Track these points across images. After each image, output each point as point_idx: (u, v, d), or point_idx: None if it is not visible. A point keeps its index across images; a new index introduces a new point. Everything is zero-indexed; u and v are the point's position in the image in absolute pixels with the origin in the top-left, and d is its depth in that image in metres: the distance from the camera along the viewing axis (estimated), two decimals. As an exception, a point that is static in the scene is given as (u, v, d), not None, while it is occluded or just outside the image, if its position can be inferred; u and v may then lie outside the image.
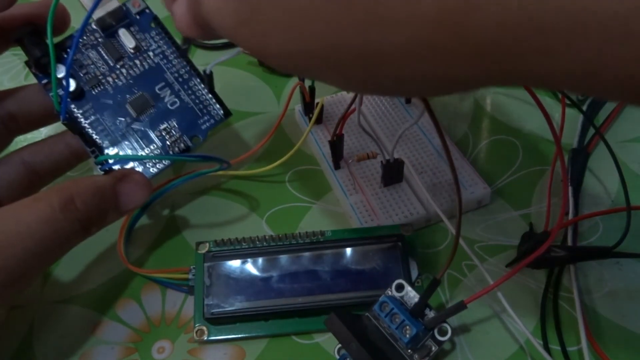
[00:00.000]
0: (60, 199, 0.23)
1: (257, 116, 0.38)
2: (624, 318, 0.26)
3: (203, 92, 0.30)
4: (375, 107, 0.35)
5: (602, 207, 0.30)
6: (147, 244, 0.31)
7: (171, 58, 0.30)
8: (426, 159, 0.32)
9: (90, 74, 0.29)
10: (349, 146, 0.33)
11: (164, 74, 0.30)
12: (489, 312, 0.27)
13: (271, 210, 0.32)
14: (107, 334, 0.27)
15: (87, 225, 0.25)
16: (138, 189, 0.26)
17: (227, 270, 0.27)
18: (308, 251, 0.28)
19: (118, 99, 0.29)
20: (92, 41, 0.30)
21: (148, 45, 0.30)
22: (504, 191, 0.32)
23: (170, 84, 0.30)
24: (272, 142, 0.35)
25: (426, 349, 0.24)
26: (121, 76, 0.30)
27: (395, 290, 0.25)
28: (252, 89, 0.39)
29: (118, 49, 0.30)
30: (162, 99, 0.30)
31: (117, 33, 0.30)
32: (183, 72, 0.30)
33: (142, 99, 0.29)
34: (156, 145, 0.30)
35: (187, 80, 0.30)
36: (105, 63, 0.30)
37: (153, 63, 0.30)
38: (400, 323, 0.24)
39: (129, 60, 0.30)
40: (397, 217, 0.29)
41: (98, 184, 0.25)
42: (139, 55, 0.30)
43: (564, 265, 0.27)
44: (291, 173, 0.34)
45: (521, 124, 0.35)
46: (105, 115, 0.29)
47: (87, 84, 0.29)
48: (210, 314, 0.26)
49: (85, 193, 0.24)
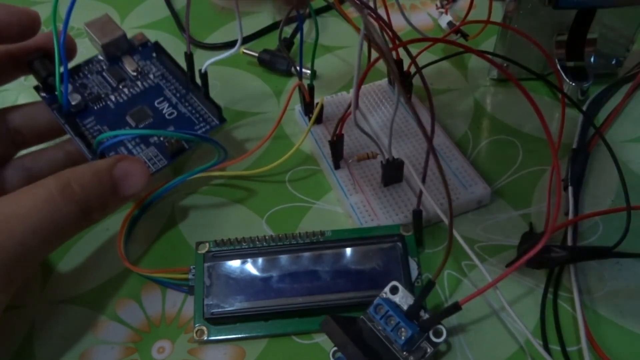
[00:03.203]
0: (58, 183, 0.24)
1: (257, 116, 0.38)
2: (624, 318, 0.26)
3: (199, 103, 0.32)
4: (375, 107, 0.35)
5: (602, 207, 0.30)
6: (147, 244, 0.31)
7: (170, 78, 0.33)
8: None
9: (94, 94, 0.31)
10: (349, 146, 0.33)
11: (163, 91, 0.32)
12: (488, 312, 0.27)
13: (271, 210, 0.32)
14: (107, 334, 0.27)
15: (87, 209, 0.25)
16: (135, 173, 0.27)
17: (227, 270, 0.27)
18: (308, 251, 0.28)
19: (119, 112, 0.31)
20: (98, 69, 0.32)
21: (149, 70, 0.33)
22: (504, 191, 0.32)
23: (168, 98, 0.32)
24: (272, 142, 0.35)
25: (421, 351, 0.24)
26: (123, 95, 0.32)
27: (390, 292, 0.25)
28: (252, 89, 0.39)
29: (121, 73, 0.32)
30: (160, 110, 0.31)
31: (120, 60, 0.32)
32: (181, 89, 0.32)
33: (141, 111, 0.31)
34: (154, 148, 0.30)
35: (185, 94, 0.32)
36: (109, 84, 0.32)
37: (153, 83, 0.32)
38: (395, 325, 0.24)
39: (130, 82, 0.32)
40: (397, 217, 0.29)
41: (94, 168, 0.26)
42: (140, 77, 0.32)
43: (564, 265, 0.27)
44: (291, 173, 0.34)
45: (521, 124, 0.35)
46: (106, 125, 0.31)
47: (90, 101, 0.31)
48: (210, 314, 0.26)
49: (82, 177, 0.25)
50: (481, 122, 0.35)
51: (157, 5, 0.48)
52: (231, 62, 0.42)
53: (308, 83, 0.34)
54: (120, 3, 0.49)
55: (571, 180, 0.30)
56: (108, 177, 0.26)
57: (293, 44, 0.42)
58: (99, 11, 0.36)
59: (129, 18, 0.47)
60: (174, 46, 0.44)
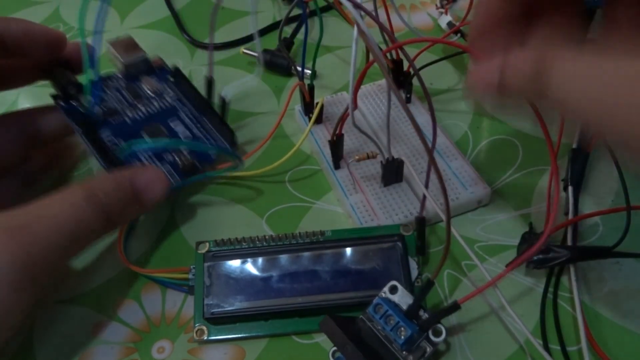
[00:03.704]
0: (84, 190, 0.25)
1: (257, 116, 0.38)
2: (624, 318, 0.26)
3: (212, 127, 0.33)
4: (375, 107, 0.35)
5: (602, 207, 0.30)
6: (147, 243, 0.31)
7: (185, 101, 0.34)
8: (426, 159, 0.32)
9: (111, 108, 0.33)
10: (349, 146, 0.33)
11: (178, 113, 0.33)
12: (488, 311, 0.27)
13: (271, 210, 0.32)
14: (107, 334, 0.27)
15: (110, 216, 0.26)
16: (155, 183, 0.28)
17: (227, 270, 0.27)
18: (308, 251, 0.28)
19: (134, 127, 0.32)
20: (116, 85, 0.34)
21: (166, 92, 0.34)
22: (504, 191, 0.32)
23: (182, 120, 0.33)
24: (272, 141, 0.35)
25: (421, 350, 0.24)
26: (139, 111, 0.33)
27: (389, 292, 0.25)
28: (252, 89, 0.39)
29: (138, 91, 0.34)
30: (173, 129, 0.33)
31: (139, 79, 0.34)
32: (195, 112, 0.34)
33: (156, 127, 0.32)
34: (166, 162, 0.31)
35: (199, 118, 0.33)
36: (126, 100, 0.33)
37: (169, 104, 0.34)
38: (395, 325, 0.24)
39: (147, 100, 0.34)
40: (397, 217, 0.29)
41: (117, 177, 0.27)
42: (156, 97, 0.34)
43: (564, 265, 0.27)
44: (291, 173, 0.34)
45: (521, 124, 0.35)
46: (121, 138, 0.32)
47: (107, 114, 0.32)
48: (210, 313, 0.26)
49: (106, 186, 0.26)
50: (481, 122, 0.35)
51: (157, 5, 0.48)
52: (231, 62, 0.42)
53: (308, 83, 0.34)
54: (120, 3, 0.49)
55: (571, 180, 0.30)
56: (129, 185, 0.27)
57: (293, 43, 0.42)
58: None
59: (129, 18, 0.47)
60: (174, 46, 0.44)
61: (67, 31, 0.47)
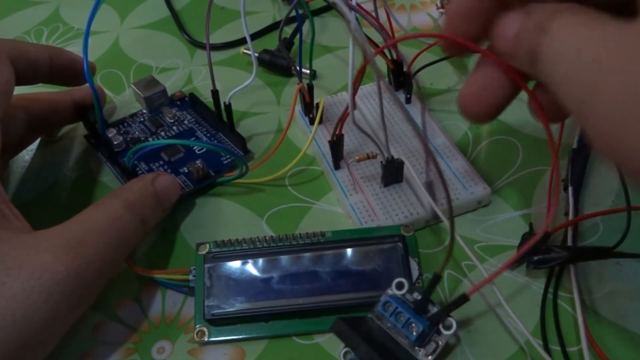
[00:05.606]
0: (121, 200, 0.27)
1: (257, 116, 0.38)
2: (624, 318, 0.26)
3: (226, 139, 0.35)
4: (375, 107, 0.35)
5: (602, 207, 0.30)
6: (147, 244, 0.31)
7: (202, 122, 0.37)
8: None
9: (134, 137, 0.36)
10: (349, 146, 0.33)
11: (195, 133, 0.36)
12: (488, 312, 0.27)
13: (271, 210, 0.32)
14: (107, 334, 0.27)
15: (145, 220, 0.28)
16: (170, 185, 0.30)
17: (227, 271, 0.27)
18: (308, 252, 0.28)
19: (154, 150, 0.35)
20: (140, 119, 0.37)
21: (184, 117, 0.37)
22: (504, 191, 0.32)
23: (199, 138, 0.36)
24: (272, 141, 0.35)
25: (433, 345, 0.24)
26: (159, 137, 0.36)
27: (396, 288, 0.25)
28: (252, 89, 0.39)
29: (159, 121, 0.37)
30: (190, 147, 0.35)
31: (161, 111, 0.37)
32: (211, 130, 0.36)
33: (174, 148, 0.35)
34: (181, 173, 0.33)
35: (215, 134, 0.36)
36: (149, 130, 0.36)
37: (187, 127, 0.36)
38: (406, 321, 0.24)
39: (167, 127, 0.36)
40: (397, 217, 0.29)
41: (141, 182, 0.29)
42: (176, 123, 0.37)
43: (564, 265, 0.27)
44: (291, 173, 0.34)
45: (521, 124, 0.35)
46: (142, 161, 0.34)
47: (130, 142, 0.36)
48: (211, 315, 0.26)
49: (136, 191, 0.28)
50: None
51: (157, 5, 0.48)
52: (231, 62, 0.42)
53: (307, 83, 0.34)
54: (120, 3, 0.49)
55: (571, 180, 0.30)
56: (152, 190, 0.29)
57: (293, 44, 0.42)
58: (99, 11, 0.36)
59: (129, 18, 0.47)
60: (174, 46, 0.44)
61: (67, 31, 0.47)
